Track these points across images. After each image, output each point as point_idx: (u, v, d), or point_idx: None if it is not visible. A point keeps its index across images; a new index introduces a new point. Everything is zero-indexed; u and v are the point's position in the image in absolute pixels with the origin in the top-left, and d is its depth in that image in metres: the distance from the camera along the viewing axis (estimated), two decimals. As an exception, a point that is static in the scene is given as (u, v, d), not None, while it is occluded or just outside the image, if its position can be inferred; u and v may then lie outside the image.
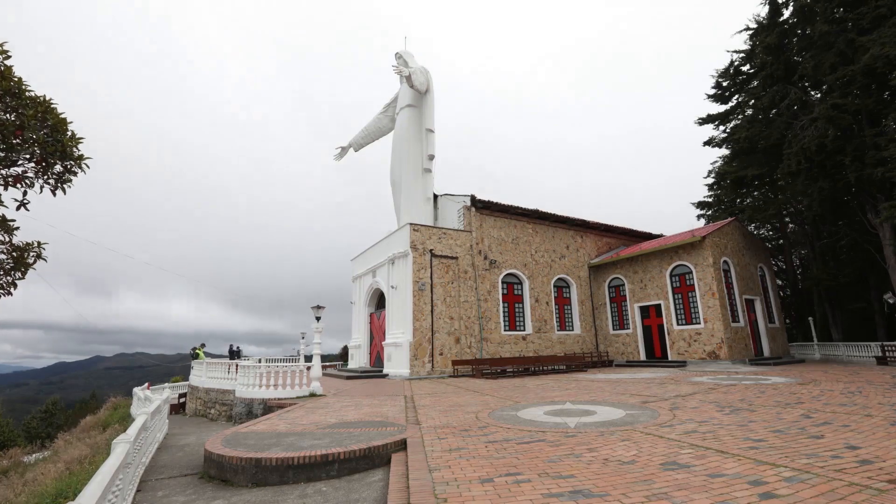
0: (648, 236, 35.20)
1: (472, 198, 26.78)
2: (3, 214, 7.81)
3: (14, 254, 8.00)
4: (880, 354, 23.98)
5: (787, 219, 38.47)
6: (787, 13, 30.50)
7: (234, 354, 31.14)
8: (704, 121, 36.88)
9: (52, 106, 7.64)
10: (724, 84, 35.59)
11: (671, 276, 26.30)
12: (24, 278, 8.26)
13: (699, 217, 42.15)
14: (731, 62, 34.53)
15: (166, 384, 31.36)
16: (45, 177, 7.87)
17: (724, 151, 37.48)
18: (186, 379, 29.20)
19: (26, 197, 7.77)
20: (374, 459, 7.30)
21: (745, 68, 34.22)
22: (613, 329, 29.62)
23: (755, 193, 37.83)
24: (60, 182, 7.98)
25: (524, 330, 27.29)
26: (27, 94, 7.49)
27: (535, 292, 28.20)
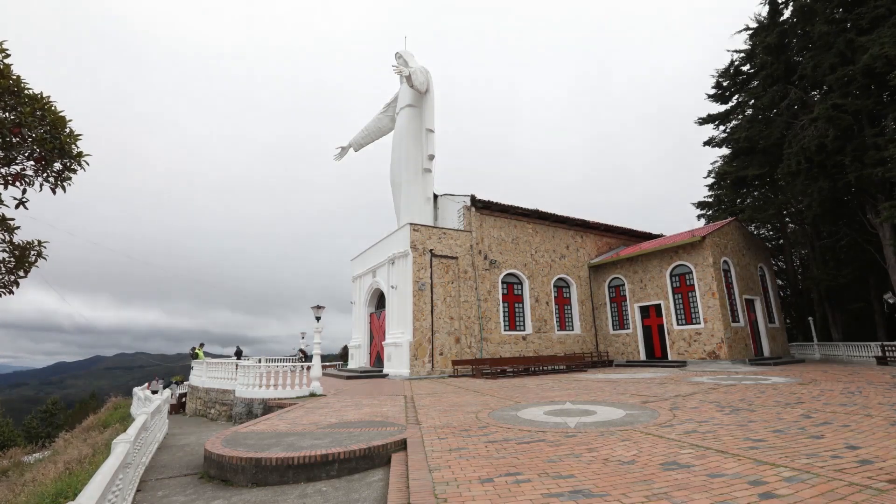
0: (648, 236, 35.19)
1: (472, 198, 26.78)
2: (3, 213, 7.80)
3: (15, 253, 7.99)
4: (880, 354, 23.98)
5: (787, 219, 38.46)
6: (787, 13, 30.51)
7: (239, 355, 31.24)
8: (704, 121, 36.88)
9: (51, 103, 7.61)
10: (725, 84, 35.60)
11: (671, 276, 26.30)
12: (25, 277, 8.26)
13: (699, 217, 42.16)
14: (732, 62, 34.56)
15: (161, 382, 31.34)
16: (45, 175, 7.86)
17: (725, 151, 37.51)
18: (186, 379, 29.21)
19: (25, 195, 7.75)
20: (374, 459, 7.30)
21: (745, 68, 34.24)
22: (613, 329, 29.62)
23: (755, 193, 37.82)
24: (60, 180, 7.96)
25: (524, 330, 27.29)
26: (25, 91, 7.47)
27: (535, 292, 28.20)
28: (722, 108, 36.39)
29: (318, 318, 17.34)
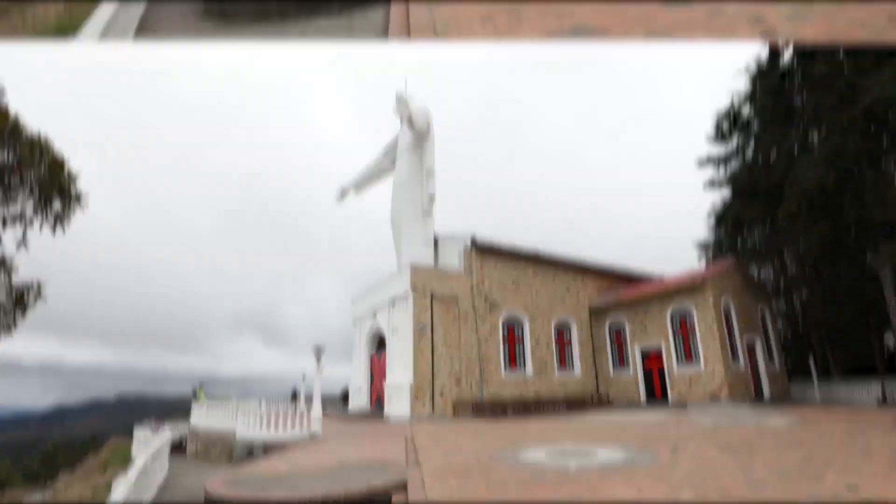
0: (649, 278, 35.26)
1: (473, 239, 27.03)
2: (4, 255, 7.93)
3: (14, 295, 8.09)
4: (881, 395, 23.84)
5: (787, 259, 38.56)
6: (787, 56, 30.71)
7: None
8: (705, 162, 37.07)
9: (48, 145, 7.84)
10: (725, 125, 35.88)
11: (671, 317, 26.31)
12: (24, 318, 8.33)
13: (700, 257, 42.27)
14: (732, 104, 34.84)
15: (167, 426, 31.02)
16: (44, 214, 8.03)
17: (725, 192, 37.72)
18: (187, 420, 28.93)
19: (26, 236, 7.90)
20: (375, 501, 7.30)
21: (745, 110, 34.55)
22: (614, 371, 29.40)
23: (755, 234, 37.96)
24: (59, 220, 8.13)
25: (525, 371, 27.11)
26: (24, 134, 7.71)
27: (535, 334, 28.14)
28: (723, 149, 36.66)
29: (318, 360, 17.33)
